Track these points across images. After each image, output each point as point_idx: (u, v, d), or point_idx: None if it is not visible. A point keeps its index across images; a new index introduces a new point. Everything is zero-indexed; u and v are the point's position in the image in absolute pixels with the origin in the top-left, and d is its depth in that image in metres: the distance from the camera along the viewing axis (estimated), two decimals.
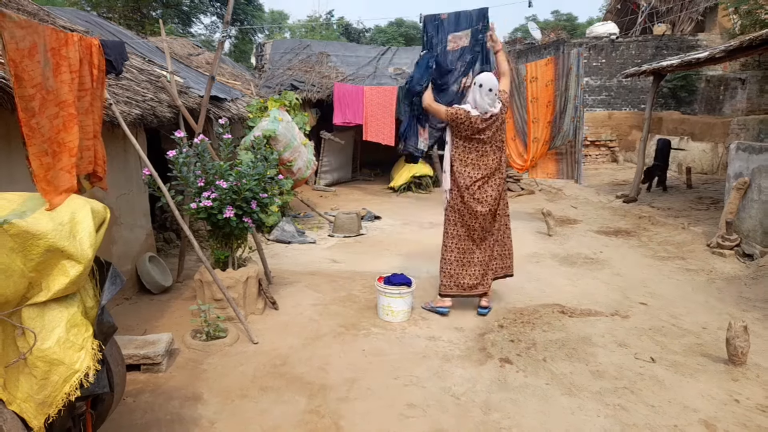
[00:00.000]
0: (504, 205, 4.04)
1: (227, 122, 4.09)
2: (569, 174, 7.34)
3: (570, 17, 29.06)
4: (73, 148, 2.29)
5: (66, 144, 2.26)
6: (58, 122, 2.22)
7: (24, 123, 1.99)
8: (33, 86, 2.02)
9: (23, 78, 1.97)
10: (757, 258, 5.09)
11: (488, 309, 4.08)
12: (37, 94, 2.05)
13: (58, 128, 2.23)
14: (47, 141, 2.13)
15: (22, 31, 1.96)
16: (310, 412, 2.76)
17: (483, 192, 3.89)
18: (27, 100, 1.99)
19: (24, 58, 1.97)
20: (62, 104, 2.26)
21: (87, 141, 2.69)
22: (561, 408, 2.80)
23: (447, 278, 4.00)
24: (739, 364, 3.18)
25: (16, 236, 1.73)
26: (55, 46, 2.28)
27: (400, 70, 11.86)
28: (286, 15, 34.74)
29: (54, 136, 2.19)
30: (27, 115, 2.00)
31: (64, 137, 2.25)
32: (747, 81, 11.12)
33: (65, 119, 2.27)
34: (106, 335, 2.02)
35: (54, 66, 2.25)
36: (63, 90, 2.29)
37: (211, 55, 10.91)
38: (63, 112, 2.26)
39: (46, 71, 2.14)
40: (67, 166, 2.22)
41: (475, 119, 3.78)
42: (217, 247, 3.97)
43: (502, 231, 4.08)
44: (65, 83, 2.31)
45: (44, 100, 2.11)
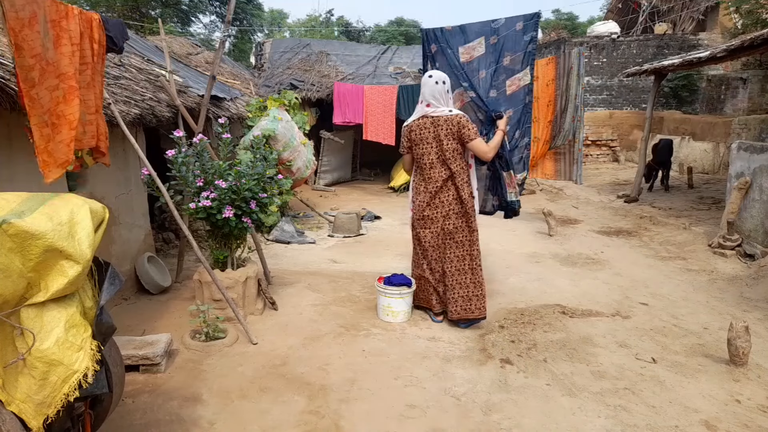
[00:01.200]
0: (460, 237, 3.72)
1: (226, 122, 4.07)
2: (568, 175, 7.32)
3: (571, 16, 29.04)
4: (73, 120, 2.28)
5: (66, 116, 2.25)
6: (58, 94, 2.21)
7: (24, 93, 1.98)
8: (32, 56, 2.01)
9: (23, 47, 1.96)
10: (759, 258, 5.08)
11: (466, 325, 3.82)
12: (36, 64, 2.04)
13: (58, 100, 2.22)
14: (47, 112, 2.13)
15: (23, 0, 1.95)
16: (310, 413, 2.75)
17: (425, 214, 3.75)
18: (27, 70, 1.98)
19: (24, 28, 1.96)
20: (62, 76, 2.25)
21: (89, 115, 2.67)
22: (562, 408, 2.79)
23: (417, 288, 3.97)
24: (740, 365, 3.17)
25: (15, 236, 1.72)
26: (56, 18, 2.26)
27: (400, 69, 11.85)
28: (286, 14, 34.81)
29: (53, 107, 2.18)
30: (27, 86, 1.99)
31: (63, 109, 2.24)
32: (748, 80, 11.11)
33: (65, 91, 2.26)
34: (105, 336, 2.01)
35: (54, 38, 2.23)
36: (63, 62, 2.27)
37: (210, 54, 10.88)
38: (63, 84, 2.25)
39: (45, 42, 2.13)
40: (66, 139, 2.21)
41: (419, 122, 3.67)
42: (216, 247, 3.96)
43: (460, 265, 3.72)
44: (65, 55, 2.30)
45: (44, 71, 2.10)
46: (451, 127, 3.60)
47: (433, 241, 3.81)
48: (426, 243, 3.83)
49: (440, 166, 3.70)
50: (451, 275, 3.78)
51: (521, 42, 4.09)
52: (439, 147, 3.66)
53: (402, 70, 11.81)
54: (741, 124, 9.47)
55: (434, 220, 3.78)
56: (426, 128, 3.68)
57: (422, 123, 3.69)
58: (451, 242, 3.77)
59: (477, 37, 4.14)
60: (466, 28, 4.17)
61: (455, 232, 3.75)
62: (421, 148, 3.74)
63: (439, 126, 3.62)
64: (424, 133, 3.70)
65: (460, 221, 3.74)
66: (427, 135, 3.69)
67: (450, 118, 3.60)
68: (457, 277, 3.78)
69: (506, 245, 6.09)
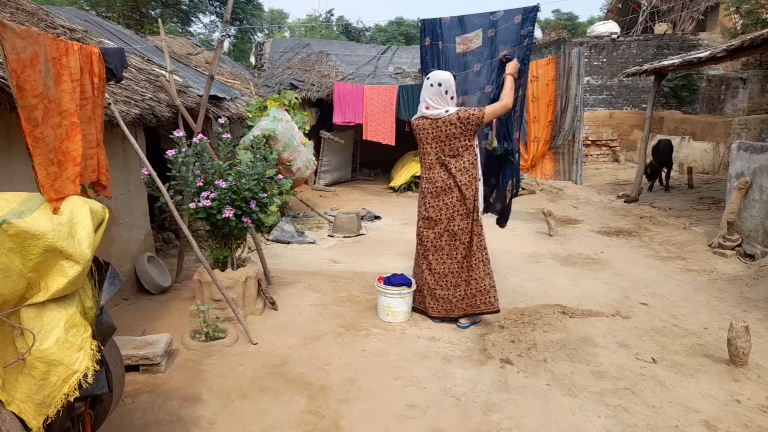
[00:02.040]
0: (466, 235, 3.68)
1: (226, 121, 4.07)
2: (567, 175, 7.32)
3: (571, 16, 29.03)
4: (76, 157, 2.29)
5: (70, 153, 2.26)
6: (61, 131, 2.22)
7: (28, 133, 1.98)
8: (35, 96, 2.02)
9: (25, 88, 1.97)
10: (759, 258, 5.08)
11: (467, 325, 3.81)
12: (39, 103, 2.04)
13: (62, 137, 2.23)
14: (52, 150, 2.13)
15: (23, 41, 1.96)
16: (310, 413, 2.75)
17: (429, 215, 3.76)
18: (30, 110, 1.99)
19: (26, 69, 1.97)
20: (64, 113, 2.26)
21: (90, 149, 2.69)
22: (562, 408, 2.79)
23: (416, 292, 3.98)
24: (740, 365, 3.17)
25: (15, 236, 1.72)
26: (56, 55, 2.28)
27: (400, 69, 11.85)
28: (286, 14, 34.75)
29: (58, 145, 2.19)
30: (30, 125, 2.00)
31: (68, 146, 2.25)
32: (748, 80, 11.11)
33: (68, 128, 2.27)
34: (105, 336, 2.02)
35: (55, 75, 2.24)
36: (65, 99, 2.28)
37: (210, 54, 10.88)
38: (65, 121, 2.26)
39: (47, 81, 2.14)
40: (71, 176, 2.22)
41: (418, 123, 3.69)
42: (216, 247, 3.96)
43: (468, 263, 3.70)
44: (67, 92, 2.31)
45: (47, 110, 2.10)
46: (450, 126, 3.57)
47: (436, 241, 3.79)
48: (428, 243, 3.83)
49: (439, 167, 3.70)
50: (453, 274, 3.77)
51: (518, 36, 4.00)
52: (439, 148, 3.66)
53: (402, 70, 11.81)
54: (741, 124, 9.47)
55: (438, 222, 3.76)
56: (425, 129, 3.68)
57: (421, 123, 3.70)
58: (457, 243, 3.73)
59: (475, 28, 4.07)
60: (465, 20, 4.10)
61: (460, 233, 3.72)
62: (422, 148, 3.76)
63: (438, 128, 3.61)
64: (423, 133, 3.71)
65: (464, 222, 3.70)
66: (426, 136, 3.69)
67: (448, 118, 3.57)
68: (461, 275, 3.75)
69: (506, 245, 6.08)
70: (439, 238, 3.78)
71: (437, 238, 3.78)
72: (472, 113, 3.54)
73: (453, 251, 3.76)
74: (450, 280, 3.79)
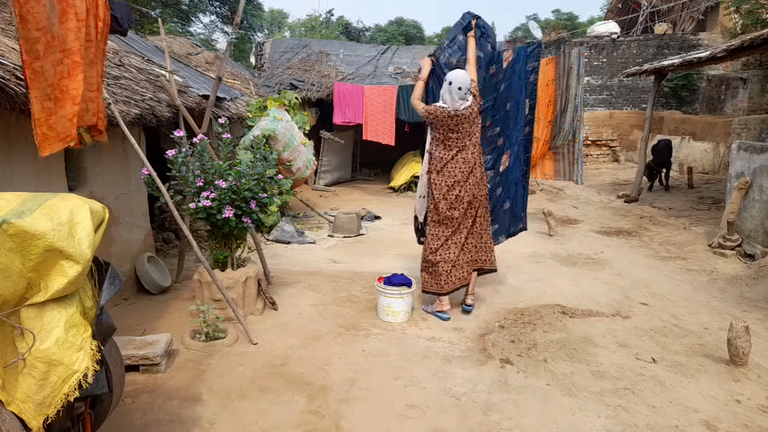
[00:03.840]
0: (484, 200, 4.03)
1: (226, 121, 4.07)
2: (568, 175, 7.31)
3: (571, 16, 29.03)
4: (76, 96, 2.28)
5: (69, 92, 2.25)
6: (62, 69, 2.22)
7: (27, 65, 1.99)
8: (38, 29, 2.01)
9: (28, 20, 1.97)
10: (759, 258, 5.08)
11: (471, 306, 4.06)
12: (42, 37, 2.04)
13: (62, 75, 2.23)
14: (50, 86, 2.13)
15: None
16: (310, 413, 2.75)
17: (458, 198, 3.90)
18: (31, 42, 1.99)
19: (29, 0, 1.97)
20: (67, 51, 2.25)
21: (91, 92, 2.69)
22: (562, 408, 2.79)
23: (426, 275, 4.04)
24: (740, 365, 3.17)
25: (15, 236, 1.72)
26: None
27: (400, 69, 11.85)
28: (286, 14, 34.75)
29: (57, 82, 2.19)
30: (31, 57, 2.00)
31: (67, 84, 2.25)
32: (748, 80, 11.11)
33: (69, 66, 2.27)
34: (105, 336, 2.01)
35: (60, 12, 2.24)
36: (69, 37, 2.28)
37: (210, 55, 10.88)
38: (67, 59, 2.26)
39: (51, 16, 2.13)
40: (69, 114, 2.22)
41: (450, 112, 3.81)
42: (216, 247, 3.96)
43: (479, 224, 4.05)
44: (71, 31, 2.30)
45: (49, 45, 2.10)
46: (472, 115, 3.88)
47: (461, 217, 3.97)
48: (456, 220, 3.96)
49: (466, 149, 3.92)
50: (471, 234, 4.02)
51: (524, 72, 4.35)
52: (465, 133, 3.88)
53: (402, 70, 11.80)
54: (741, 124, 9.47)
55: (462, 200, 3.93)
56: (450, 117, 3.82)
57: (445, 112, 3.83)
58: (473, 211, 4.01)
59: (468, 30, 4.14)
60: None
61: (477, 202, 4.01)
62: (446, 134, 3.88)
63: (464, 117, 3.85)
64: (449, 121, 3.83)
65: (483, 192, 4.04)
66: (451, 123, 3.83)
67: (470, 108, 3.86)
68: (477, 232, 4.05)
69: (506, 245, 6.06)
70: (460, 221, 3.96)
71: (460, 220, 3.96)
72: (472, 85, 3.92)
73: (471, 219, 3.99)
74: (471, 245, 4.03)
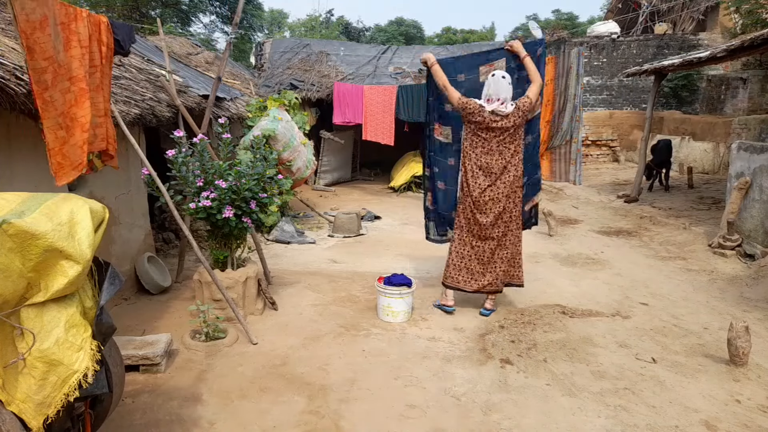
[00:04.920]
0: (514, 211, 3.94)
1: (226, 121, 4.07)
2: (565, 176, 7.29)
3: (571, 16, 29.04)
4: (85, 123, 2.29)
5: (78, 119, 2.26)
6: (70, 97, 2.22)
7: (38, 95, 1.99)
8: (45, 59, 2.02)
9: (35, 50, 1.97)
10: (759, 258, 5.08)
11: (491, 311, 4.06)
12: (49, 66, 2.04)
13: (71, 103, 2.23)
14: (61, 115, 2.13)
15: (33, 3, 1.96)
16: (310, 413, 2.75)
17: (485, 203, 3.87)
18: (39, 72, 1.99)
19: (35, 30, 1.97)
20: (73, 79, 2.26)
21: (99, 118, 2.68)
22: (562, 408, 2.79)
23: (447, 269, 4.07)
24: (740, 365, 3.17)
25: (15, 236, 1.72)
26: (65, 20, 2.27)
27: (400, 69, 11.85)
28: (286, 14, 34.75)
29: (67, 110, 2.19)
30: (40, 88, 2.00)
31: (76, 112, 2.25)
32: (748, 80, 11.10)
33: (77, 94, 2.27)
34: (105, 336, 2.01)
35: (64, 40, 2.24)
36: (74, 65, 2.28)
37: (210, 55, 10.88)
38: (74, 86, 2.26)
39: (57, 45, 2.14)
40: (79, 142, 2.22)
41: (483, 109, 3.79)
42: (216, 247, 3.96)
43: (509, 237, 3.98)
44: (76, 58, 2.30)
45: (56, 74, 2.10)
46: (515, 117, 3.81)
47: (492, 223, 3.94)
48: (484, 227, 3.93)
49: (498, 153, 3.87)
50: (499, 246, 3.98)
51: None
52: (503, 136, 3.83)
53: (402, 70, 11.81)
54: (741, 124, 9.47)
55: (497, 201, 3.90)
56: (488, 116, 3.79)
57: (483, 110, 3.79)
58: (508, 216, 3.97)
59: (498, 58, 4.13)
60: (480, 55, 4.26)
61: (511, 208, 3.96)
62: (480, 134, 3.84)
63: (507, 118, 3.80)
64: (484, 120, 3.79)
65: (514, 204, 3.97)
66: (490, 123, 3.79)
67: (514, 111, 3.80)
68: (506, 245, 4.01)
69: None
70: (487, 227, 3.93)
71: (487, 227, 3.93)
72: (525, 100, 3.85)
73: (499, 230, 3.94)
74: (488, 253, 3.96)
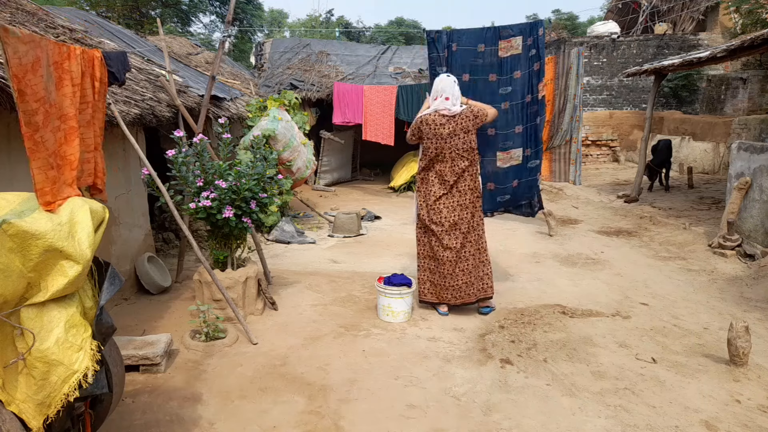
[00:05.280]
0: (472, 222, 3.89)
1: (226, 121, 4.07)
2: (564, 176, 7.29)
3: (571, 16, 29.03)
4: (74, 161, 2.28)
5: (67, 157, 2.25)
6: (60, 135, 2.21)
7: (27, 137, 1.98)
8: (36, 101, 2.01)
9: (26, 93, 1.96)
10: (759, 258, 5.08)
11: (489, 309, 4.07)
12: (40, 108, 2.04)
13: (60, 141, 2.22)
14: (52, 155, 2.13)
15: (26, 46, 1.95)
16: (310, 413, 2.75)
17: (438, 212, 3.87)
18: (30, 114, 1.98)
19: (27, 73, 1.96)
20: (64, 117, 2.25)
21: (87, 153, 2.69)
22: (562, 409, 2.79)
23: (422, 285, 4.07)
24: (740, 365, 3.17)
25: (15, 236, 1.72)
26: (58, 60, 2.27)
27: (400, 69, 11.86)
28: (286, 14, 34.76)
29: (57, 149, 2.18)
30: (30, 130, 1.99)
31: (65, 150, 2.25)
32: (748, 80, 11.10)
33: (66, 132, 2.27)
34: (105, 336, 2.02)
35: (56, 80, 2.24)
36: (65, 103, 2.28)
37: (210, 55, 10.89)
38: (64, 125, 2.26)
39: (48, 85, 2.13)
40: (68, 180, 2.21)
41: (428, 117, 3.80)
42: (216, 247, 3.96)
43: (468, 248, 3.92)
44: (67, 96, 2.30)
45: (47, 114, 2.10)
46: (467, 121, 3.78)
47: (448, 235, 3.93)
48: (439, 236, 3.92)
49: (452, 161, 3.83)
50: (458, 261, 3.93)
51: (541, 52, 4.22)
52: (454, 143, 3.79)
53: (402, 70, 11.81)
54: (741, 124, 9.47)
55: (446, 215, 3.89)
56: (441, 124, 3.78)
57: (437, 119, 3.78)
58: (458, 233, 3.93)
59: (514, 35, 4.14)
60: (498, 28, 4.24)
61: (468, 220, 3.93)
62: (432, 142, 3.82)
63: (456, 122, 3.78)
64: (437, 128, 3.78)
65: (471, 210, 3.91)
66: (442, 131, 3.78)
67: (465, 113, 3.79)
68: (463, 263, 3.94)
69: (506, 245, 6.09)
70: (444, 239, 3.90)
71: (444, 238, 3.90)
72: (481, 109, 3.86)
73: (459, 244, 3.90)
74: (458, 266, 3.92)
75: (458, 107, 3.79)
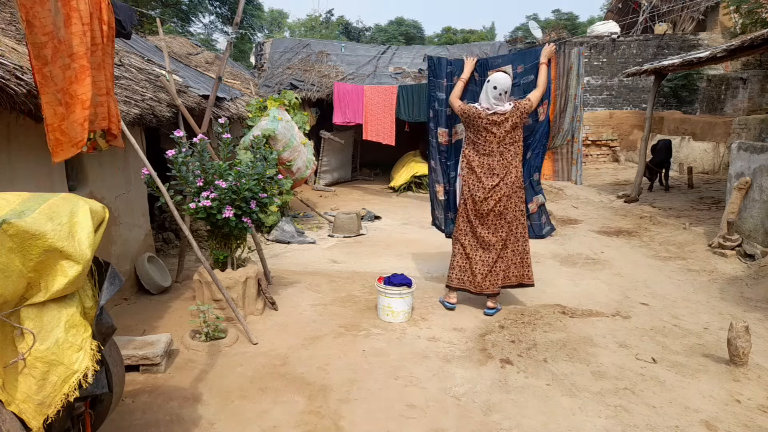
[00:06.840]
0: (516, 212, 4.01)
1: (226, 121, 4.07)
2: (566, 175, 7.29)
3: (571, 16, 29.05)
4: (85, 100, 2.29)
5: (78, 96, 2.26)
6: (70, 73, 2.22)
7: (37, 71, 1.99)
8: (44, 34, 2.02)
9: (34, 24, 1.97)
10: (759, 258, 5.08)
11: (495, 310, 4.07)
12: (49, 42, 2.05)
13: (71, 79, 2.23)
14: (60, 91, 2.14)
15: None
16: (310, 413, 2.75)
17: (487, 204, 3.95)
18: (39, 47, 1.99)
19: (35, 5, 1.98)
20: (74, 56, 2.26)
21: (100, 97, 2.68)
22: (562, 409, 2.79)
23: (452, 270, 4.13)
24: (740, 365, 3.17)
25: (15, 236, 1.72)
26: None
27: (400, 69, 11.86)
28: (286, 14, 34.76)
29: (66, 87, 2.19)
30: (39, 63, 2.00)
31: (76, 89, 2.25)
32: (748, 80, 11.10)
33: (77, 71, 2.28)
34: (105, 336, 2.01)
35: (65, 17, 2.25)
36: (74, 41, 2.29)
37: (210, 54, 10.89)
38: (75, 63, 2.27)
39: (57, 20, 2.14)
40: (80, 119, 2.22)
41: (481, 113, 3.89)
42: (217, 247, 3.96)
43: (515, 237, 4.04)
44: (76, 35, 2.31)
45: (56, 50, 2.11)
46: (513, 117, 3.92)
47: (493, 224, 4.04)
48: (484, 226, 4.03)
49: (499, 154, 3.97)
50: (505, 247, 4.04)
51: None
52: (501, 136, 3.93)
53: (402, 70, 11.82)
54: (741, 124, 9.47)
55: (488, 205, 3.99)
56: (485, 117, 3.90)
57: (483, 113, 3.90)
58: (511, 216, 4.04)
59: (504, 64, 4.30)
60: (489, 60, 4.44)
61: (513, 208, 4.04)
62: (480, 135, 3.95)
63: (506, 118, 3.91)
64: (481, 121, 3.90)
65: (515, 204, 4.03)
66: (489, 124, 3.90)
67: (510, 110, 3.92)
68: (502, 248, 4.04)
69: None
70: (488, 227, 4.02)
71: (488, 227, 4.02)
72: (526, 102, 3.99)
73: (503, 232, 4.00)
74: (491, 254, 4.01)
75: (509, 105, 3.91)
